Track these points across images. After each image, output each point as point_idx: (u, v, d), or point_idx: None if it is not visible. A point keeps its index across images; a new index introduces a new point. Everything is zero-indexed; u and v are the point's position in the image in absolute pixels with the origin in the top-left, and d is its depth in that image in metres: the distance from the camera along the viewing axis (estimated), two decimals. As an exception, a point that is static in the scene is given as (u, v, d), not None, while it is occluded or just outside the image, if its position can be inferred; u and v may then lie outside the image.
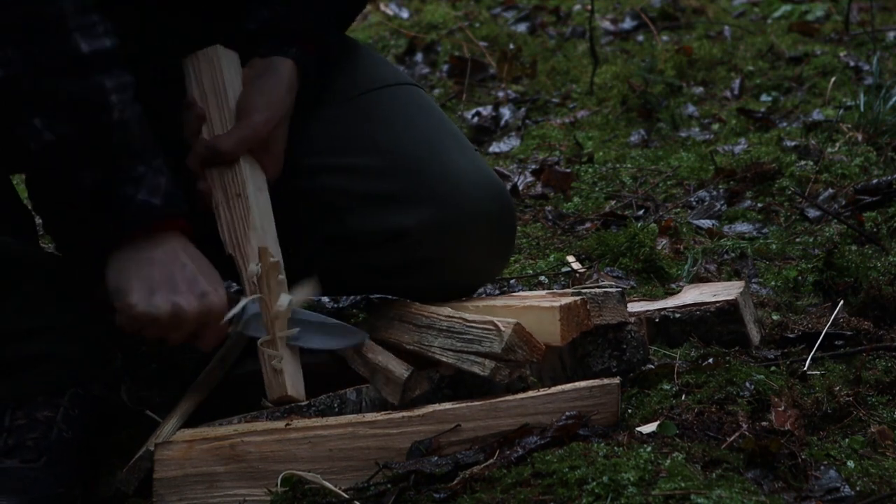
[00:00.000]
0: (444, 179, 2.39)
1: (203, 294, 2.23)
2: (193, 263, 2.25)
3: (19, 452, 2.30)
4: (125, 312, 2.23)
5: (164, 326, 2.23)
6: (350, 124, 2.46)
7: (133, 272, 2.22)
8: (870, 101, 3.99)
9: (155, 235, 2.23)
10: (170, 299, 2.21)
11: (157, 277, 2.22)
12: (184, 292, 2.22)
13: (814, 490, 2.09)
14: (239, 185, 2.35)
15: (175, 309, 2.21)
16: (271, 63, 2.39)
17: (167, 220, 2.23)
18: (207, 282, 2.25)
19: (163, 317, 2.21)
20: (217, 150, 2.34)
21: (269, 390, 2.30)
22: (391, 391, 2.27)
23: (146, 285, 2.21)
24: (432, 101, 2.57)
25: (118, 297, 2.23)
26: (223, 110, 2.36)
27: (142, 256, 2.22)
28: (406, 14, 5.68)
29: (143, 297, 2.21)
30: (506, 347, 2.23)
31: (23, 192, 3.92)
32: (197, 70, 2.37)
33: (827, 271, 2.91)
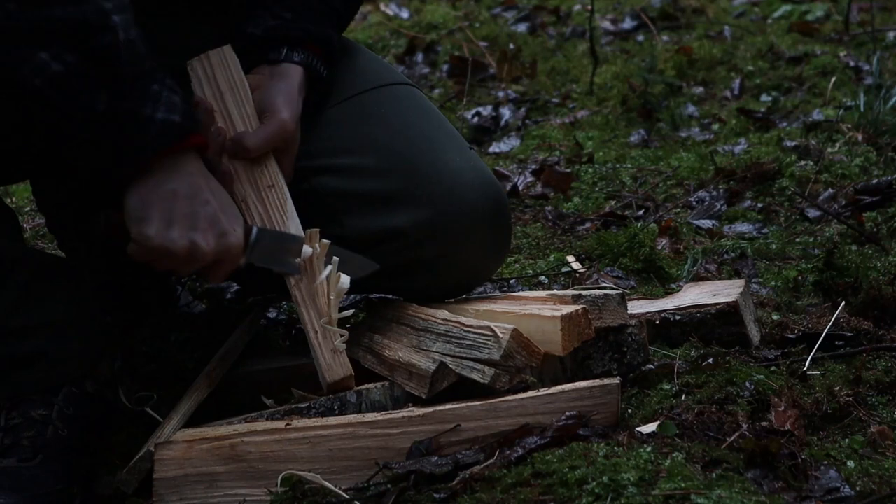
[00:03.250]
0: (439, 180, 2.39)
1: (222, 233, 2.21)
2: (216, 200, 2.22)
3: (15, 451, 2.30)
4: (140, 242, 2.19)
5: (177, 261, 2.20)
6: (346, 125, 2.46)
7: (155, 202, 2.18)
8: (870, 101, 3.99)
9: (177, 157, 2.19)
10: (188, 236, 2.18)
11: (179, 211, 2.18)
12: (203, 230, 2.19)
13: (814, 490, 2.09)
14: (271, 176, 2.35)
15: (192, 246, 2.19)
16: (281, 69, 2.39)
17: (189, 136, 2.20)
18: (227, 220, 2.22)
19: (179, 252, 2.18)
20: (244, 145, 2.33)
21: (329, 373, 2.29)
22: (417, 385, 2.27)
23: (165, 217, 2.18)
24: (428, 100, 2.57)
25: (136, 226, 2.19)
26: (243, 107, 2.37)
27: (165, 188, 2.18)
28: (406, 14, 5.68)
29: (161, 230, 2.18)
30: (504, 354, 2.23)
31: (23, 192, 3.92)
32: (208, 70, 2.37)
33: (827, 271, 2.91)
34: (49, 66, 2.11)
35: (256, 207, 2.34)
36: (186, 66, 2.37)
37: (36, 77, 2.12)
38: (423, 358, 2.29)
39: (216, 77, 2.37)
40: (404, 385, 2.29)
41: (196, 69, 2.38)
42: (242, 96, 2.37)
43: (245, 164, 2.35)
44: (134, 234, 2.19)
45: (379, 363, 2.36)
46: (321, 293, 2.31)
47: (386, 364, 2.34)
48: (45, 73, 2.11)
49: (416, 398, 2.28)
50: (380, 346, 2.37)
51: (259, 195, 2.35)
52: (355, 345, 2.42)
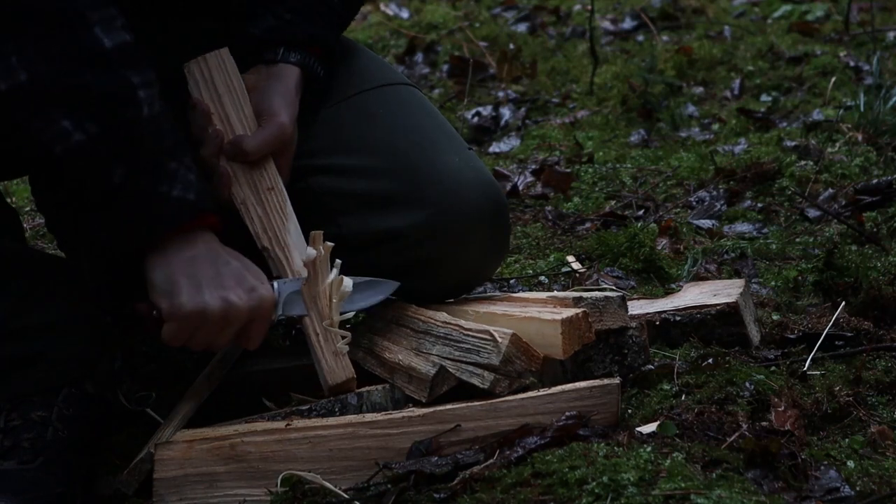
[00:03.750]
0: (437, 180, 2.39)
1: (252, 288, 2.22)
2: (236, 260, 2.24)
3: (16, 454, 2.29)
4: (175, 313, 2.19)
5: (214, 325, 2.20)
6: (345, 125, 2.46)
7: (178, 272, 2.19)
8: (870, 101, 3.99)
9: (191, 233, 2.21)
10: (220, 295, 2.19)
11: (204, 275, 2.19)
12: (232, 287, 2.20)
13: (814, 490, 2.09)
14: (270, 178, 2.35)
15: (225, 304, 2.19)
16: (278, 69, 2.39)
17: (202, 214, 2.21)
18: (253, 276, 2.23)
19: (214, 313, 2.18)
20: (243, 148, 2.33)
21: (331, 375, 2.29)
22: (417, 389, 2.27)
23: (194, 283, 2.18)
24: (428, 101, 2.57)
25: (166, 300, 2.19)
26: (240, 109, 2.36)
27: (184, 256, 2.19)
28: (406, 14, 5.68)
29: (192, 295, 2.18)
30: (504, 359, 2.23)
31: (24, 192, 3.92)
32: (206, 73, 2.37)
33: (827, 271, 2.91)
34: (71, 134, 2.13)
35: (256, 210, 2.34)
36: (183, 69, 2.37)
37: (56, 144, 2.13)
38: (423, 361, 2.28)
39: (213, 80, 2.36)
40: (404, 388, 2.29)
41: (193, 72, 2.37)
42: (240, 98, 2.37)
43: (244, 167, 2.35)
44: (166, 308, 2.19)
45: (379, 365, 2.35)
46: (323, 296, 2.31)
47: (386, 366, 2.34)
48: (66, 141, 2.13)
49: (416, 400, 2.28)
50: (380, 347, 2.37)
51: (259, 197, 2.35)
52: (355, 346, 2.42)
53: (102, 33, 2.14)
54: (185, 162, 2.21)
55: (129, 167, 2.15)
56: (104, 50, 2.14)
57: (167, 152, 2.19)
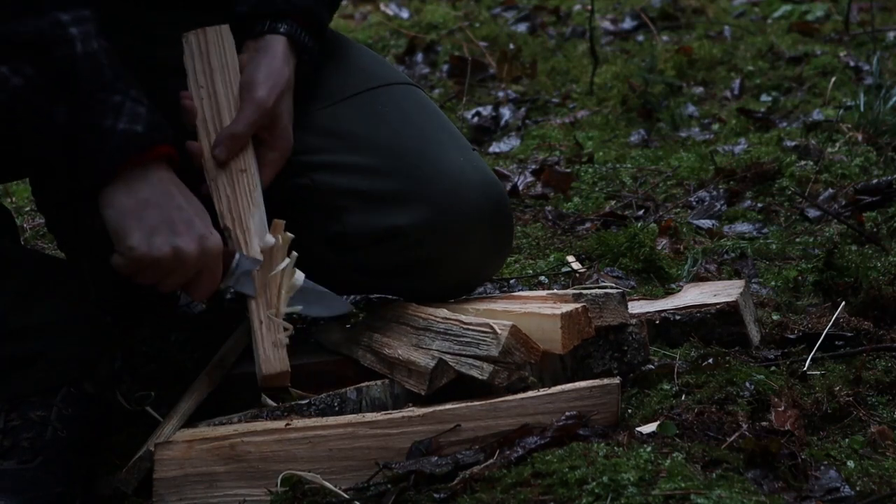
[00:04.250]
0: (439, 179, 2.39)
1: (202, 237, 2.22)
2: (189, 205, 2.23)
3: (15, 453, 2.29)
4: (125, 255, 2.20)
5: (163, 270, 2.20)
6: (347, 123, 2.46)
7: (130, 214, 2.19)
8: (870, 101, 3.99)
9: (145, 167, 2.19)
10: (170, 242, 2.19)
11: (156, 219, 2.19)
12: (183, 234, 2.20)
13: (814, 490, 2.09)
14: (245, 161, 2.35)
15: (175, 251, 2.19)
16: (264, 41, 2.39)
17: (154, 147, 2.20)
18: (203, 225, 2.23)
19: (164, 259, 2.19)
20: (231, 134, 2.33)
21: (266, 365, 2.28)
22: (416, 382, 2.27)
23: (145, 226, 2.18)
24: (429, 100, 2.57)
25: (116, 240, 2.19)
26: (229, 87, 2.37)
27: (137, 198, 2.19)
28: (406, 14, 5.68)
29: (143, 240, 2.18)
30: (503, 350, 2.23)
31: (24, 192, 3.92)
32: (202, 45, 2.37)
33: (827, 271, 2.91)
34: (9, 79, 2.14)
35: (225, 189, 2.34)
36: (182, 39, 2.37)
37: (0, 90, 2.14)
38: (423, 355, 2.29)
39: (209, 53, 2.37)
40: (403, 382, 2.29)
41: (191, 42, 2.37)
42: (231, 78, 2.37)
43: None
44: (117, 248, 2.20)
45: (378, 361, 2.36)
46: (273, 285, 2.31)
47: (385, 362, 2.34)
48: (5, 86, 2.14)
49: (415, 397, 2.28)
50: (379, 344, 2.37)
51: (230, 178, 2.34)
52: (355, 344, 2.43)
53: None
54: (131, 94, 2.20)
55: (69, 104, 2.15)
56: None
57: (109, 86, 2.18)
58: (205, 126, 2.36)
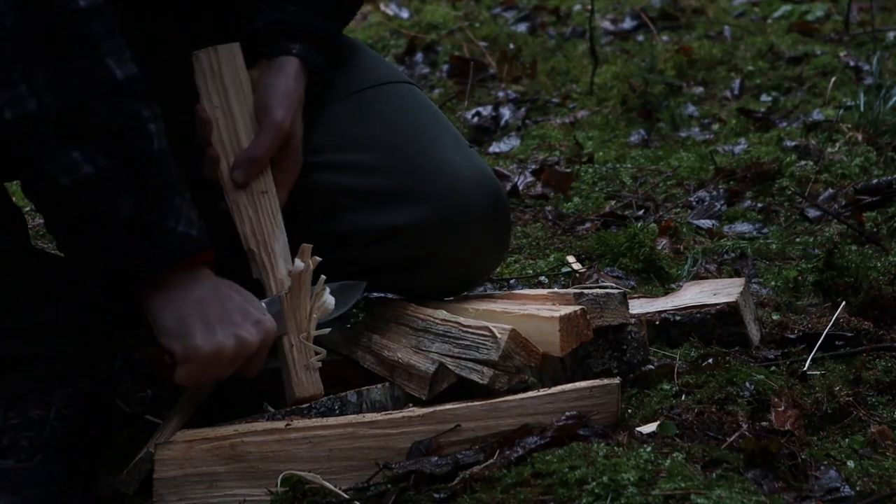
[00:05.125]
0: (439, 177, 2.39)
1: (258, 321, 2.22)
2: (237, 294, 2.23)
3: (14, 452, 2.29)
4: (190, 356, 2.18)
5: (226, 362, 2.20)
6: (347, 121, 2.46)
7: (188, 314, 2.17)
8: (870, 101, 3.99)
9: (194, 270, 2.19)
10: (231, 332, 2.18)
11: (214, 314, 2.18)
12: (241, 323, 2.20)
13: (814, 490, 2.09)
14: (265, 182, 2.35)
15: (238, 341, 2.19)
16: (278, 61, 2.39)
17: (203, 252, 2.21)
18: (256, 309, 2.24)
19: (229, 351, 2.18)
20: (250, 158, 2.32)
21: (299, 388, 2.30)
22: (417, 386, 2.27)
23: (206, 324, 2.17)
24: (428, 99, 2.57)
25: (179, 343, 2.18)
26: (244, 106, 2.36)
27: (191, 296, 2.18)
28: (406, 14, 5.68)
29: (206, 337, 2.17)
30: (503, 355, 2.23)
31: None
32: (214, 64, 2.36)
33: (827, 271, 2.91)
34: (81, 167, 2.09)
35: (248, 211, 2.34)
36: (192, 58, 2.36)
37: (64, 176, 2.10)
38: (423, 359, 2.29)
39: (221, 72, 2.36)
40: (404, 386, 2.30)
41: (202, 61, 2.36)
42: (245, 95, 2.37)
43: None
44: (180, 351, 2.18)
45: (378, 363, 2.36)
46: (304, 309, 2.31)
47: (385, 364, 2.34)
48: (74, 173, 2.09)
49: (416, 398, 2.28)
50: (378, 346, 2.37)
51: (251, 199, 2.34)
52: (354, 345, 2.43)
53: (115, 64, 2.10)
54: (186, 198, 2.19)
55: (137, 201, 2.13)
56: (116, 82, 2.10)
57: (173, 187, 2.17)
58: (222, 146, 2.35)
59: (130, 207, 2.12)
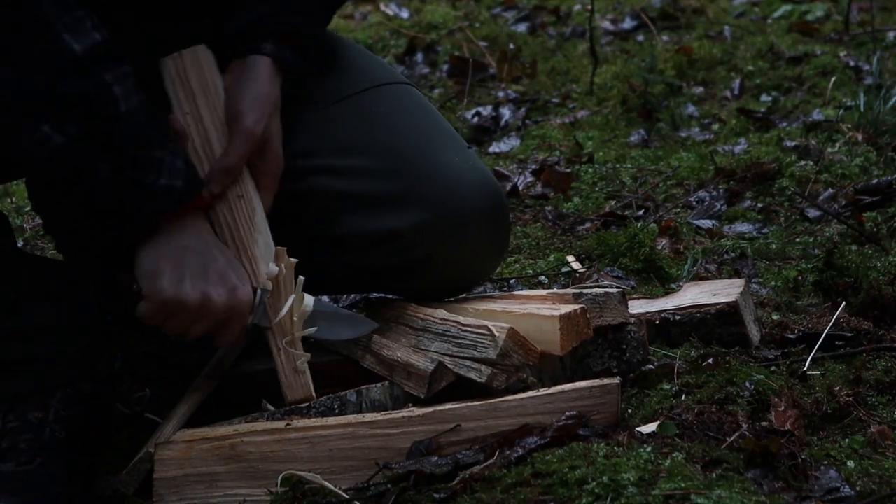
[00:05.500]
0: (438, 179, 2.39)
1: (233, 288, 2.23)
2: (224, 256, 2.25)
3: (13, 455, 2.29)
4: (153, 296, 2.21)
5: (189, 315, 2.22)
6: (343, 124, 2.45)
7: (165, 258, 2.21)
8: (870, 101, 3.99)
9: (182, 219, 2.22)
10: (200, 287, 2.20)
11: (190, 265, 2.21)
12: (214, 283, 2.22)
13: (814, 490, 2.09)
14: (241, 186, 2.34)
15: (204, 298, 2.20)
16: (249, 62, 2.36)
17: (192, 200, 2.23)
18: (237, 276, 2.25)
19: (191, 304, 2.20)
20: (225, 168, 2.32)
21: (289, 391, 2.30)
22: (416, 385, 2.27)
23: (178, 271, 2.20)
24: (425, 99, 2.56)
25: (148, 281, 2.21)
26: (215, 111, 2.34)
27: (175, 244, 2.21)
28: (406, 14, 5.68)
29: (174, 283, 2.20)
30: (501, 353, 2.24)
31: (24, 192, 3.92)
32: (181, 70, 2.34)
33: (827, 271, 2.91)
34: (51, 138, 2.14)
35: (225, 217, 2.33)
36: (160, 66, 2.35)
37: (38, 148, 2.14)
38: (422, 358, 2.29)
39: (188, 78, 2.34)
40: (403, 385, 2.30)
41: (169, 69, 2.34)
42: (215, 99, 2.34)
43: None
44: (146, 289, 2.21)
45: (378, 363, 2.36)
46: (286, 311, 2.31)
47: (384, 364, 2.34)
48: (47, 144, 2.14)
49: (415, 397, 2.28)
50: (378, 345, 2.37)
51: (228, 205, 2.33)
52: (354, 344, 2.42)
53: (71, 38, 2.14)
54: (170, 149, 2.21)
55: (112, 163, 2.16)
56: (74, 55, 2.14)
57: (150, 143, 2.19)
58: (196, 153, 2.33)
59: (106, 168, 2.16)
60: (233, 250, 2.31)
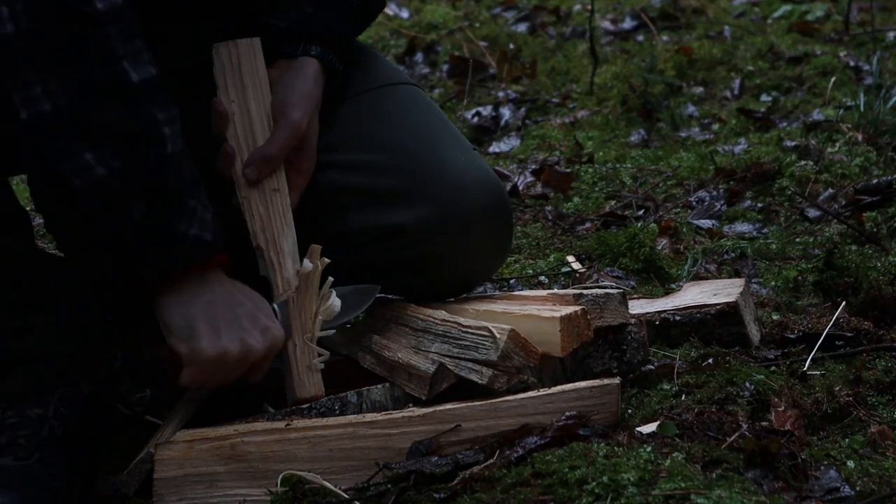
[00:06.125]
0: (441, 177, 2.40)
1: (266, 329, 2.22)
2: (249, 300, 2.24)
3: (12, 450, 2.29)
4: (195, 359, 2.18)
5: (230, 368, 2.20)
6: (351, 121, 2.47)
7: (197, 316, 2.18)
8: (870, 101, 3.99)
9: (206, 273, 2.20)
10: (238, 337, 2.19)
11: (222, 318, 2.18)
12: (249, 329, 2.20)
13: (814, 490, 2.09)
14: (277, 180, 2.35)
15: (244, 347, 2.19)
16: (297, 62, 2.38)
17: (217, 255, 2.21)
18: (265, 316, 2.24)
19: (234, 356, 2.18)
20: (265, 157, 2.32)
21: (300, 389, 2.30)
22: (417, 386, 2.27)
23: (213, 327, 2.18)
24: (431, 100, 2.58)
25: (186, 345, 2.18)
26: (262, 104, 2.35)
27: (201, 299, 2.18)
28: (406, 14, 5.68)
29: (212, 340, 2.17)
30: (502, 355, 2.24)
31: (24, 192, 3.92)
32: (234, 59, 2.34)
33: (827, 271, 2.91)
34: (93, 168, 2.09)
35: (258, 208, 2.33)
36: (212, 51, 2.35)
37: (76, 176, 2.10)
38: (423, 359, 2.29)
39: (241, 67, 2.34)
40: (404, 386, 2.30)
41: (221, 55, 2.34)
42: (262, 92, 2.36)
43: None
44: (186, 352, 2.18)
45: (378, 364, 2.36)
46: (309, 309, 2.31)
47: (385, 365, 2.34)
48: (87, 174, 2.10)
49: (416, 398, 2.28)
50: (378, 346, 2.37)
51: (263, 197, 2.34)
52: (354, 345, 2.43)
53: (130, 67, 2.10)
54: (201, 200, 2.19)
55: (149, 204, 2.13)
56: (131, 85, 2.10)
57: (187, 190, 2.17)
58: (237, 141, 2.34)
59: (143, 210, 2.12)
60: (261, 241, 2.32)
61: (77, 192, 2.11)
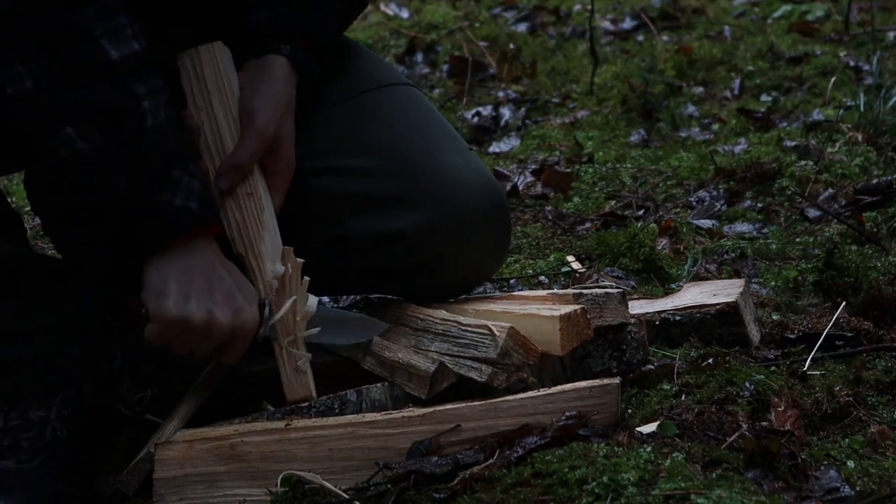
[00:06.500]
0: (439, 181, 2.39)
1: (238, 309, 2.23)
2: (231, 277, 2.24)
3: (14, 453, 2.29)
4: (159, 316, 2.20)
5: (194, 335, 2.21)
6: (347, 125, 2.46)
7: (172, 278, 2.20)
8: (870, 101, 3.99)
9: (191, 241, 2.21)
10: (205, 307, 2.20)
11: (196, 285, 2.20)
12: (220, 303, 2.21)
13: (814, 490, 2.09)
14: (250, 184, 2.34)
15: (209, 317, 2.20)
16: (266, 62, 2.37)
17: (204, 224, 2.22)
18: (243, 297, 2.24)
19: (196, 324, 2.19)
20: (238, 165, 2.32)
21: (290, 391, 2.30)
22: (417, 386, 2.27)
23: (183, 291, 2.19)
24: (428, 101, 2.57)
25: (154, 301, 2.20)
26: (229, 109, 2.34)
27: (182, 264, 2.20)
28: (406, 14, 5.68)
29: (179, 302, 2.19)
30: (501, 352, 2.24)
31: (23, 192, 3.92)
32: (197, 66, 2.34)
33: (827, 271, 2.91)
34: (75, 142, 2.14)
35: (234, 214, 2.33)
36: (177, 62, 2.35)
37: (61, 149, 2.15)
38: (423, 359, 2.29)
39: (204, 74, 2.34)
40: (404, 386, 2.30)
41: (186, 63, 2.34)
42: (229, 97, 2.34)
43: None
44: (152, 309, 2.20)
45: (378, 364, 2.36)
46: (289, 312, 2.31)
47: (385, 365, 2.34)
48: (70, 148, 2.15)
49: (416, 398, 2.28)
50: (379, 346, 2.37)
51: (238, 202, 2.33)
52: (355, 346, 2.42)
53: (109, 45, 2.14)
54: (189, 170, 2.21)
55: (131, 177, 2.16)
56: (110, 62, 2.14)
57: (171, 161, 2.19)
58: (207, 150, 2.34)
59: (126, 182, 2.16)
60: (240, 247, 2.31)
61: (63, 164, 2.17)
